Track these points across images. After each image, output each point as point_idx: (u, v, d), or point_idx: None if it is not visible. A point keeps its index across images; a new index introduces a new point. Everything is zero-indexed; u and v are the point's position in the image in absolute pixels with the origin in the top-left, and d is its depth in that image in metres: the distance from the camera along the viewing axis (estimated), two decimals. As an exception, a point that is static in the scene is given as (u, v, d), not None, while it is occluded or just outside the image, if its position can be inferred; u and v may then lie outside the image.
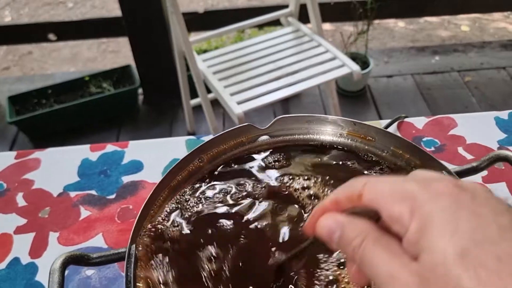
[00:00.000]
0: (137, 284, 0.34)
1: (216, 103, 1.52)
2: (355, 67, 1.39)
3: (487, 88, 2.04)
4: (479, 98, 1.99)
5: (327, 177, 0.42)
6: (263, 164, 0.44)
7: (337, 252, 0.36)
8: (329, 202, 0.28)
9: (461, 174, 0.41)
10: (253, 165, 0.44)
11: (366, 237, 0.25)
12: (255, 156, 0.45)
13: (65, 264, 0.33)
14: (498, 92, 2.02)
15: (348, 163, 0.43)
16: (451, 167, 0.43)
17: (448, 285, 0.20)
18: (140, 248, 0.37)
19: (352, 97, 2.02)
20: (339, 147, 0.45)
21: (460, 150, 0.64)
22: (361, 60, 1.95)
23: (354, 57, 1.94)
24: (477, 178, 0.60)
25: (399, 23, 2.63)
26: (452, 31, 2.54)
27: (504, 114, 0.70)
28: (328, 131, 0.45)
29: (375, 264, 0.24)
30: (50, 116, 1.85)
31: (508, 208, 0.23)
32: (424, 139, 0.66)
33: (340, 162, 0.44)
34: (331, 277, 0.35)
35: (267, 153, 0.45)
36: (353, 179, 0.26)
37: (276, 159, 0.44)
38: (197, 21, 1.92)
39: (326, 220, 0.27)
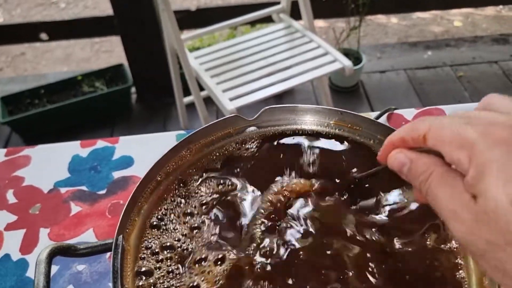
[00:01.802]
0: (124, 274, 0.34)
1: (210, 100, 1.52)
2: (347, 62, 1.39)
3: (479, 82, 2.05)
4: (471, 92, 2.00)
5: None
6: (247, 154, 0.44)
7: None
8: (397, 139, 0.30)
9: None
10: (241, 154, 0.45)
11: (432, 173, 0.27)
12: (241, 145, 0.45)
13: (52, 255, 0.33)
14: (490, 86, 2.03)
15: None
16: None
17: (499, 229, 0.23)
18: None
19: (346, 92, 2.03)
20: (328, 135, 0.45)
21: (449, 140, 0.65)
22: (354, 56, 1.95)
23: (347, 53, 1.94)
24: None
25: (392, 19, 2.63)
26: (445, 26, 2.55)
27: (492, 105, 0.71)
28: (315, 121, 0.45)
29: (439, 199, 0.26)
30: (43, 116, 1.84)
31: None
32: (414, 130, 0.67)
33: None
34: None
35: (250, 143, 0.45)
36: (418, 119, 0.28)
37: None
38: (190, 19, 1.92)
39: (397, 154, 0.30)
